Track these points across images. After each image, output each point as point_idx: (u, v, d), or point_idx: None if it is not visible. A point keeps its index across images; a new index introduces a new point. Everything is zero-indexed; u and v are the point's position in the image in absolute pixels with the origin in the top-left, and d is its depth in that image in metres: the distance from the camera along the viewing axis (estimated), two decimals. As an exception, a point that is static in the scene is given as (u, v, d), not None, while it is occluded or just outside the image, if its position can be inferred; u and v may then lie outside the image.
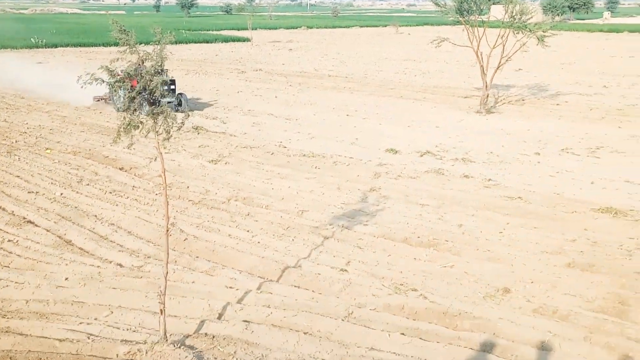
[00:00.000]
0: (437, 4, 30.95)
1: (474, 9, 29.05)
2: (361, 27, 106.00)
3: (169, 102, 26.46)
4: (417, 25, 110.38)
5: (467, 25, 29.06)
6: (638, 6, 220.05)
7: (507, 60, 28.32)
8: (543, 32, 27.69)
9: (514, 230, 13.88)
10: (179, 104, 27.66)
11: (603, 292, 10.94)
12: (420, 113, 28.56)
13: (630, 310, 10.33)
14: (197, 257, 12.56)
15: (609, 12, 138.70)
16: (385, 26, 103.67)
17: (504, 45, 27.70)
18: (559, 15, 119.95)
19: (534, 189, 16.97)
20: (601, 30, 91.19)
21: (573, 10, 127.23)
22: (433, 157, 20.38)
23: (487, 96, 28.94)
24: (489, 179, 17.89)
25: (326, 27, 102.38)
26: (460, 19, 29.26)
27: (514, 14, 27.86)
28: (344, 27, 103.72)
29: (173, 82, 27.61)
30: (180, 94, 28.25)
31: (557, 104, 30.55)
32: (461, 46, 30.30)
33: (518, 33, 27.91)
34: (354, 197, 16.22)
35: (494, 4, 31.10)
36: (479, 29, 28.67)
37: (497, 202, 15.79)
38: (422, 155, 20.58)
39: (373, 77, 41.29)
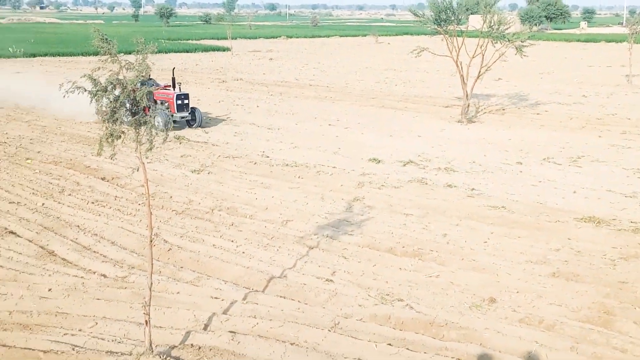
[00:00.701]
0: (415, 14, 31.09)
1: (452, 19, 29.13)
2: (341, 36, 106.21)
3: (182, 117, 26.24)
4: (396, 35, 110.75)
5: (446, 35, 29.20)
6: (614, 16, 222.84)
7: (486, 70, 28.49)
8: (521, 41, 27.90)
9: (498, 239, 13.92)
10: (193, 119, 26.84)
11: (588, 302, 10.98)
12: (402, 122, 28.64)
13: (615, 320, 10.38)
14: (182, 267, 12.47)
15: (586, 22, 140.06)
16: (365, 36, 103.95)
17: (483, 55, 27.86)
18: (536, 25, 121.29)
19: (517, 198, 17.05)
20: (578, 40, 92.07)
21: (550, 20, 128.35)
22: (416, 167, 20.43)
23: (468, 105, 29.08)
24: (472, 189, 17.95)
25: (306, 37, 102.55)
26: (439, 29, 29.40)
27: (492, 24, 28.04)
28: (324, 37, 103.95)
29: (186, 96, 26.62)
30: (194, 108, 27.07)
31: (538, 114, 30.77)
32: (441, 56, 30.45)
33: (497, 43, 28.10)
34: (338, 207, 16.20)
35: (472, 14, 31.27)
36: (457, 39, 28.81)
37: (480, 212, 15.84)
38: (405, 165, 20.63)
39: (354, 87, 41.39)
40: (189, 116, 26.63)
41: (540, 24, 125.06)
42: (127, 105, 8.55)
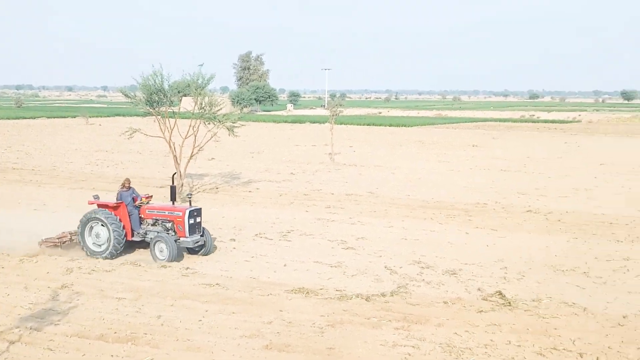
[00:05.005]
0: (127, 95, 30.93)
1: (164, 100, 29.37)
2: (48, 117, 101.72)
3: (195, 243, 19.23)
4: (108, 116, 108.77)
5: (158, 116, 29.29)
6: (317, 99, 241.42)
7: (199, 150, 29.03)
8: (232, 122, 28.95)
9: (213, 317, 13.87)
10: (203, 244, 19.60)
11: (300, 371, 11.26)
12: (114, 204, 27.80)
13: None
14: None
15: (292, 104, 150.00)
16: (75, 117, 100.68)
17: (195, 135, 28.35)
18: (246, 106, 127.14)
19: (231, 274, 17.24)
20: (286, 121, 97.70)
21: (259, 102, 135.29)
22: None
23: (182, 185, 29.17)
24: (187, 268, 17.83)
25: (9, 119, 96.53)
26: (151, 110, 29.40)
27: (203, 105, 28.77)
28: (30, 118, 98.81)
29: (199, 212, 19.76)
30: (203, 228, 19.84)
31: (250, 191, 31.73)
32: (153, 137, 30.37)
33: (209, 124, 28.82)
34: (43, 296, 15.12)
35: (184, 95, 31.80)
36: (170, 120, 29.03)
37: (195, 290, 15.73)
38: (117, 248, 19.94)
39: (63, 169, 39.66)
40: (202, 240, 19.57)
41: (251, 105, 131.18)
42: None
